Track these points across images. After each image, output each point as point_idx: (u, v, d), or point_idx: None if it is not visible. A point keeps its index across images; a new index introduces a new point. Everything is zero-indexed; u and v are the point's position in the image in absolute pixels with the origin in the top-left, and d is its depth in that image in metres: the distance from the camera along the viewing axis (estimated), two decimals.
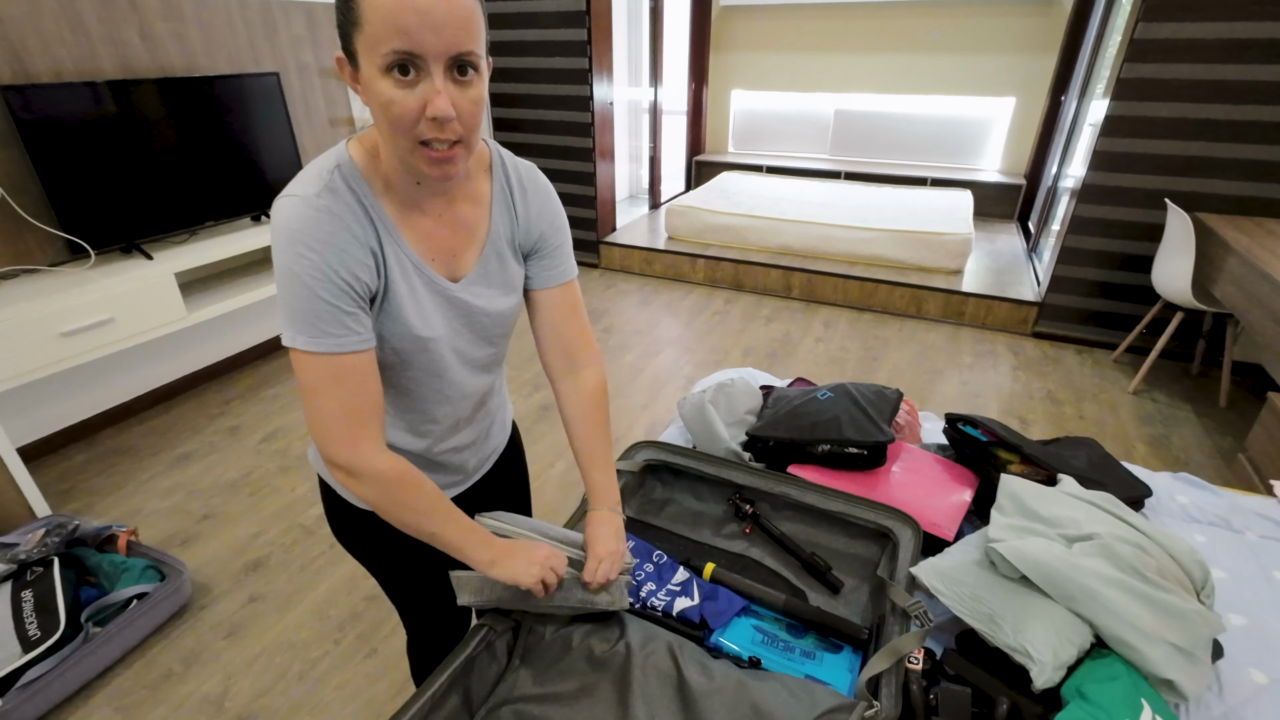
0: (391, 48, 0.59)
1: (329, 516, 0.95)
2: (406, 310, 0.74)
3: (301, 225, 0.66)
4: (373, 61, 0.61)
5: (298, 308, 0.67)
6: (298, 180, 0.69)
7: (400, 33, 0.59)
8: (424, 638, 1.08)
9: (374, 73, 0.62)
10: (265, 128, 2.65)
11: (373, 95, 0.63)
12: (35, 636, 1.47)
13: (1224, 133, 2.62)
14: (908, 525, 1.03)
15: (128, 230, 2.28)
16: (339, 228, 0.67)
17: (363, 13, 0.59)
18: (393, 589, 1.01)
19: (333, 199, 0.68)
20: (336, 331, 0.68)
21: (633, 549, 1.06)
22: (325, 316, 0.67)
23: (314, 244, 0.66)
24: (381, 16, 0.59)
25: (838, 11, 5.00)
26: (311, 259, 0.66)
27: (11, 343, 1.87)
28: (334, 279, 0.67)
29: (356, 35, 0.61)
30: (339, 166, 0.70)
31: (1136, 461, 2.33)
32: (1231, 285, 2.34)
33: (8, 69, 2.01)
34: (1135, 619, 0.79)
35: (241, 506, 2.13)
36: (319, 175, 0.69)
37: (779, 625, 0.94)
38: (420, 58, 0.60)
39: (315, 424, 0.72)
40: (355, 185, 0.70)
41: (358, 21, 0.60)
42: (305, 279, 0.66)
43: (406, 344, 0.76)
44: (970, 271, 3.73)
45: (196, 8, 2.47)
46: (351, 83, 0.66)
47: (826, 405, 1.26)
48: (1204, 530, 1.20)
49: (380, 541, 0.93)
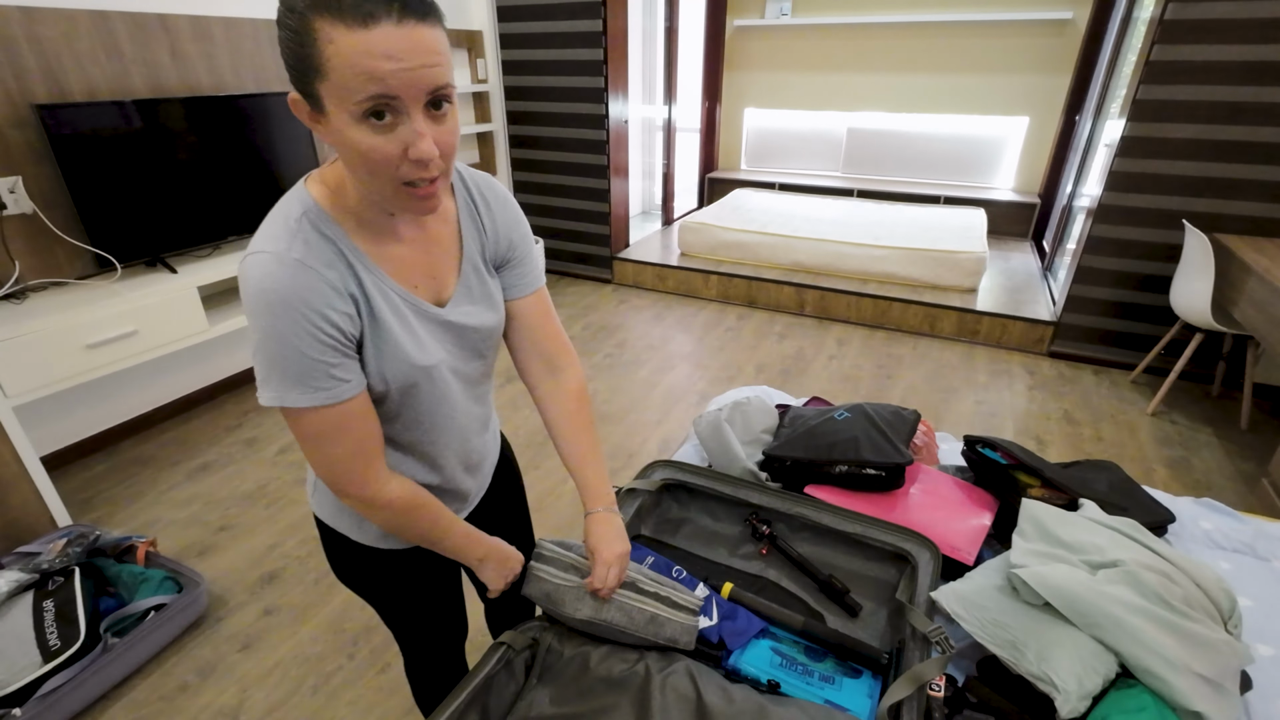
0: (366, 95, 0.56)
1: (328, 554, 0.93)
2: (404, 344, 0.73)
3: (276, 285, 0.62)
4: (344, 109, 0.57)
5: (286, 369, 0.65)
6: (264, 235, 0.65)
7: (374, 80, 0.56)
8: (421, 664, 1.08)
9: (346, 120, 0.58)
10: (288, 145, 2.71)
11: (345, 141, 0.60)
12: (56, 646, 1.49)
13: (1242, 154, 2.61)
14: (926, 548, 1.02)
15: (153, 244, 2.33)
16: (315, 281, 0.64)
17: (326, 61, 0.55)
18: (391, 620, 1.01)
19: (305, 250, 0.64)
20: (328, 385, 0.67)
21: (652, 564, 1.06)
22: (315, 372, 0.65)
23: (294, 302, 0.62)
24: (350, 65, 0.55)
25: (850, 31, 5.04)
26: (293, 318, 0.63)
27: (40, 354, 1.91)
28: (318, 335, 0.64)
29: (318, 82, 0.57)
30: (305, 214, 0.66)
31: (1157, 485, 2.30)
32: (1251, 307, 2.31)
33: (43, 88, 2.08)
34: (1162, 648, 0.78)
35: (258, 518, 2.15)
36: (286, 226, 0.65)
37: (797, 648, 0.94)
38: (397, 100, 0.57)
39: (323, 469, 0.72)
40: (326, 229, 0.67)
41: (319, 69, 0.56)
42: (290, 339, 0.63)
43: (411, 376, 0.75)
44: (984, 290, 3.72)
45: (226, 29, 2.54)
46: (311, 124, 0.62)
47: (844, 425, 1.26)
48: (1229, 557, 1.18)
49: (379, 578, 0.93)
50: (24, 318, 1.93)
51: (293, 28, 0.57)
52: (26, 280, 2.13)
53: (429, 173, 0.63)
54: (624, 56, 3.95)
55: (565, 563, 0.90)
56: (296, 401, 0.66)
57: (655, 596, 0.88)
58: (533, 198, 4.41)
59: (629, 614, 0.86)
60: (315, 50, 0.56)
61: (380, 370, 0.72)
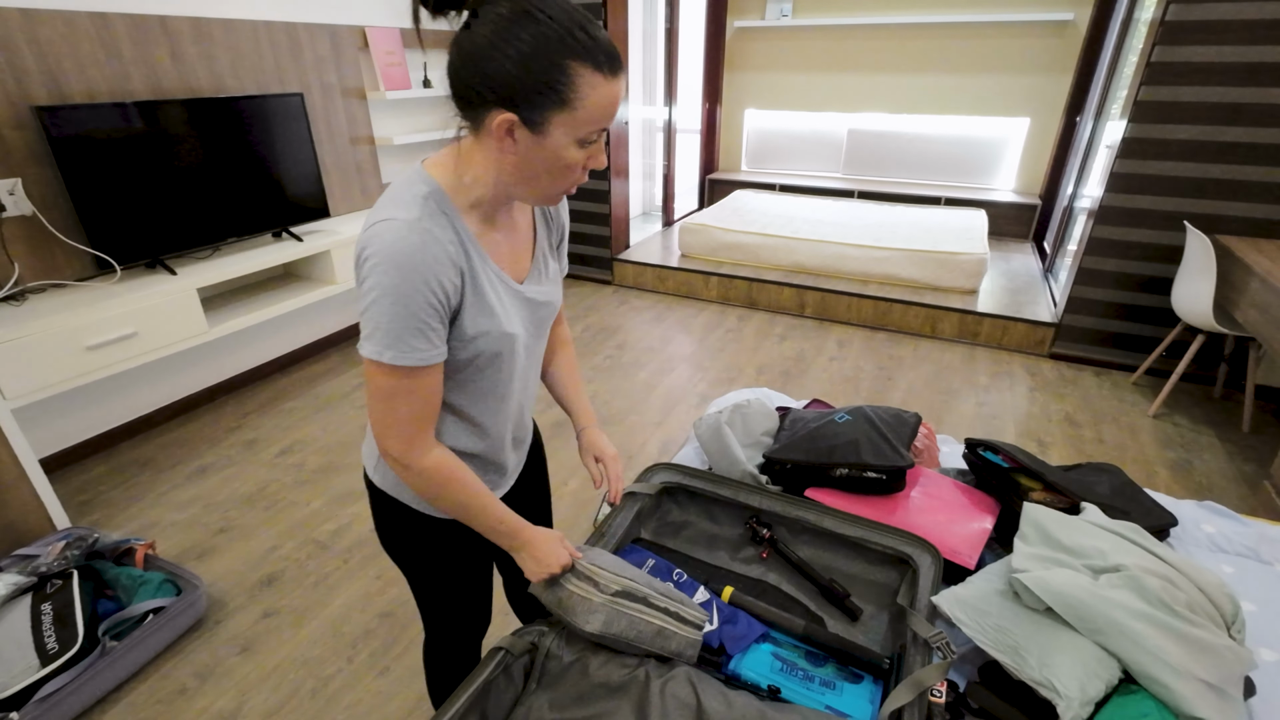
0: (598, 129, 0.72)
1: (381, 522, 1.00)
2: (498, 313, 0.82)
3: (406, 248, 0.70)
4: (571, 134, 0.71)
5: (391, 326, 0.71)
6: (391, 205, 0.73)
7: (606, 118, 0.72)
8: (443, 645, 1.14)
9: (566, 141, 0.71)
10: (288, 147, 2.71)
11: (551, 155, 0.72)
12: (53, 650, 1.48)
13: (1243, 155, 2.61)
14: (927, 552, 1.02)
15: (153, 246, 2.33)
16: (438, 251, 0.72)
17: (580, 99, 0.68)
18: (426, 592, 1.06)
19: (431, 223, 0.73)
20: (422, 347, 0.74)
21: (653, 567, 1.05)
22: (415, 333, 0.73)
23: (419, 265, 0.70)
24: (598, 105, 0.70)
25: (851, 32, 5.04)
26: (414, 280, 0.70)
27: (39, 355, 1.90)
28: (430, 300, 0.72)
29: (559, 113, 0.69)
30: (431, 193, 0.75)
31: (1158, 487, 2.30)
32: (1253, 308, 2.31)
33: (44, 90, 2.08)
34: (1164, 654, 0.77)
35: (257, 520, 2.14)
36: (414, 199, 0.74)
37: (798, 653, 0.93)
38: (604, 131, 0.74)
39: (381, 423, 0.78)
40: (445, 208, 0.76)
41: (567, 103, 0.68)
42: (406, 299, 0.70)
43: (498, 344, 0.83)
44: (985, 291, 3.71)
45: (225, 30, 2.54)
46: (507, 139, 0.71)
47: (844, 428, 1.26)
48: (1232, 561, 1.17)
49: (429, 546, 0.99)
50: (23, 319, 1.93)
51: (546, 64, 0.66)
52: (26, 282, 2.13)
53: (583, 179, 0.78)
54: (624, 57, 3.94)
55: (582, 572, 0.89)
56: (393, 358, 0.73)
57: (665, 612, 0.88)
58: None
59: (638, 628, 0.86)
60: (570, 90, 0.68)
61: (476, 337, 0.80)
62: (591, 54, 0.67)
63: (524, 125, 0.70)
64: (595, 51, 0.67)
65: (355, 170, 3.23)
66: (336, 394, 2.94)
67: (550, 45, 0.66)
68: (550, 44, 0.65)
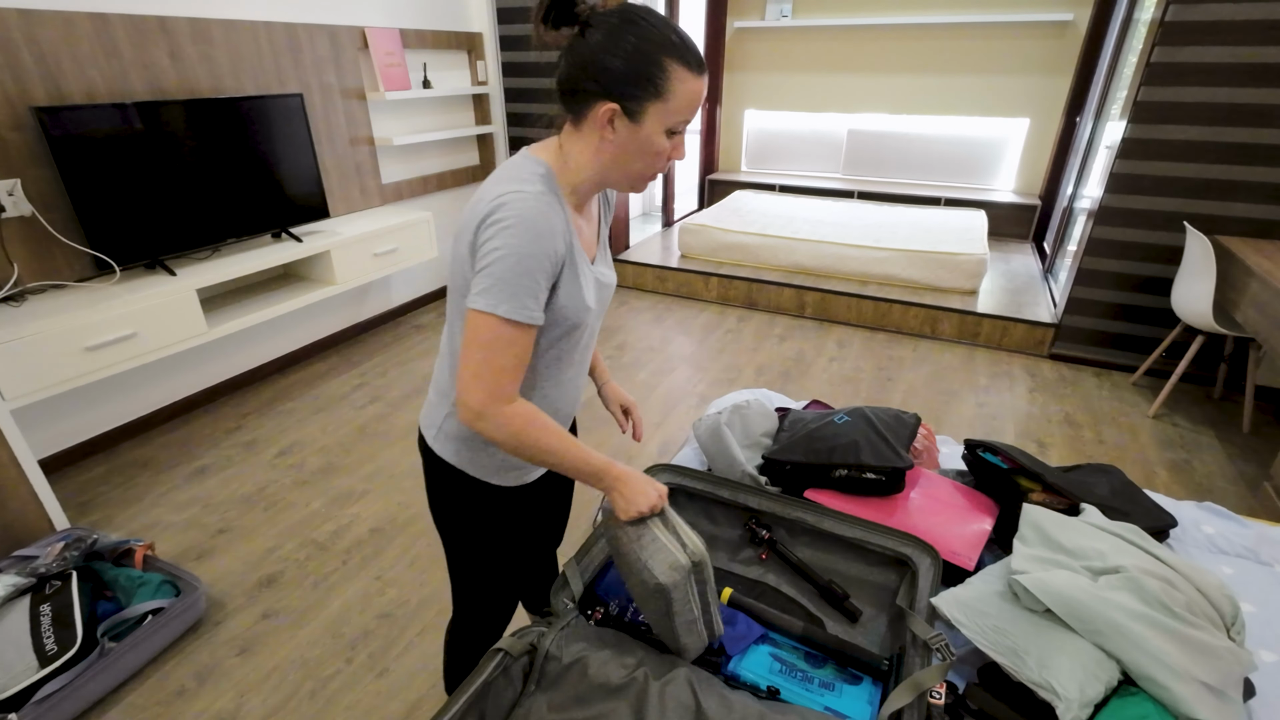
0: (684, 119, 0.82)
1: (437, 491, 1.06)
2: (583, 287, 0.90)
3: (536, 215, 0.79)
4: (662, 122, 0.81)
5: (513, 283, 0.79)
6: (515, 180, 0.82)
7: (692, 110, 0.83)
8: (469, 623, 1.19)
9: (657, 130, 0.82)
10: (288, 147, 2.71)
11: (643, 142, 0.82)
12: (52, 651, 1.48)
13: (1243, 156, 2.61)
14: (927, 553, 1.02)
15: (152, 247, 2.33)
16: (557, 223, 0.82)
17: (672, 92, 0.79)
18: (466, 570, 1.13)
19: (551, 197, 0.83)
20: (531, 306, 0.82)
21: None
22: (528, 292, 0.81)
23: (544, 232, 0.80)
24: (685, 98, 0.81)
25: (851, 33, 5.04)
26: (538, 245, 0.79)
27: (38, 356, 1.90)
28: (545, 264, 0.81)
29: (655, 104, 0.80)
30: (547, 174, 0.85)
31: (1158, 488, 2.30)
32: (1253, 309, 2.31)
33: (43, 90, 2.08)
34: (1164, 655, 0.77)
35: (256, 521, 2.14)
36: (535, 176, 0.84)
37: (797, 654, 0.93)
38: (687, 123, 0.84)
39: (473, 374, 0.83)
40: (555, 189, 0.86)
41: (662, 95, 0.79)
42: (529, 260, 0.79)
43: (580, 315, 0.91)
44: (985, 292, 3.71)
45: (225, 31, 2.54)
46: (605, 127, 0.82)
47: (844, 429, 1.25)
48: (1231, 562, 1.17)
49: (481, 512, 1.05)
50: (22, 320, 1.93)
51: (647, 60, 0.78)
52: (25, 283, 2.13)
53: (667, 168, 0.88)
54: None
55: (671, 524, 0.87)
56: (507, 312, 0.80)
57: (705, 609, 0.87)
58: None
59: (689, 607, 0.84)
60: (666, 83, 0.79)
61: (565, 308, 0.88)
62: (683, 53, 0.79)
63: (624, 114, 0.81)
64: (686, 52, 0.79)
65: (355, 171, 3.23)
66: (336, 395, 2.94)
67: (651, 45, 0.78)
68: (651, 44, 0.78)
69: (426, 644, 1.70)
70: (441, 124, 3.75)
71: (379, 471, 2.39)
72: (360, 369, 3.18)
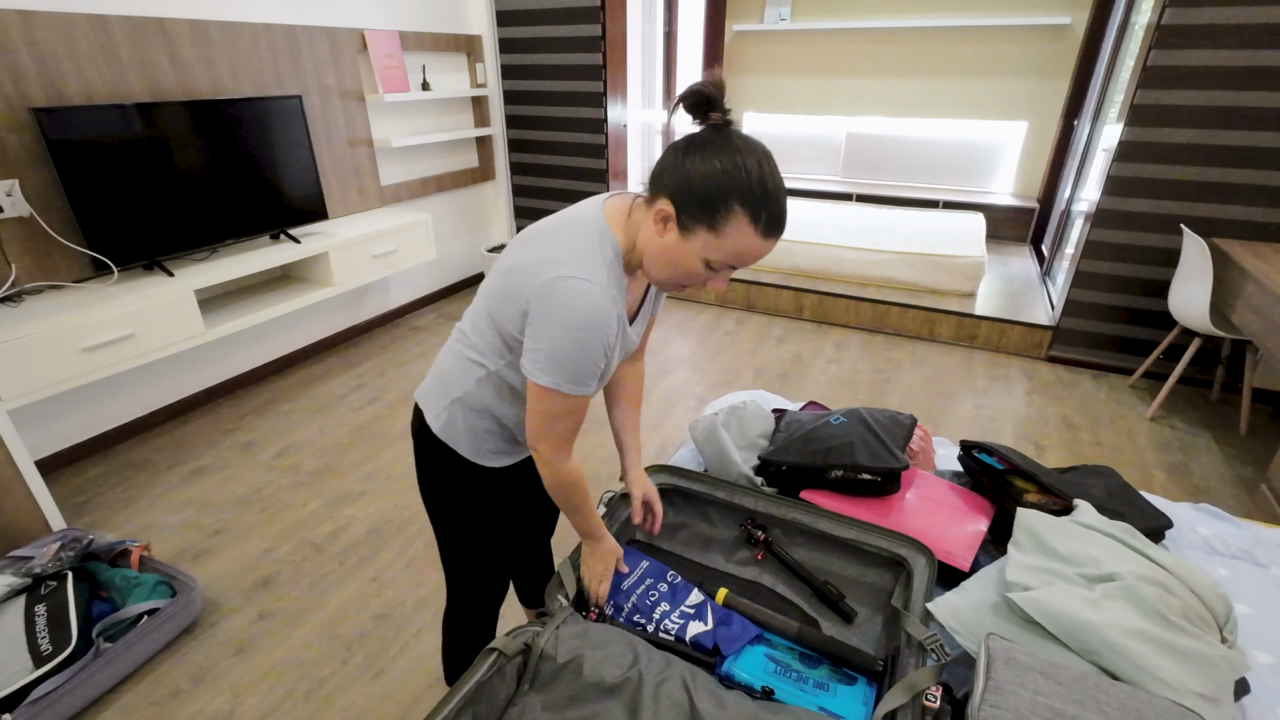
0: (726, 264, 0.82)
1: (428, 470, 1.10)
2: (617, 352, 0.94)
3: (596, 313, 0.83)
4: (703, 251, 0.81)
5: (576, 369, 0.86)
6: (583, 262, 0.85)
7: (739, 261, 0.82)
8: (463, 608, 1.25)
9: (697, 254, 0.82)
10: (286, 148, 2.71)
11: (680, 259, 0.83)
12: (47, 651, 1.48)
13: (1240, 159, 2.61)
14: (922, 554, 1.02)
15: (150, 248, 2.33)
16: (614, 316, 0.86)
17: (726, 232, 0.79)
18: (455, 548, 1.18)
19: (615, 288, 0.87)
20: (590, 385, 0.89)
21: (647, 569, 1.05)
22: (591, 375, 0.87)
23: (603, 329, 0.85)
24: (737, 247, 0.80)
25: (849, 36, 5.06)
26: (597, 339, 0.85)
27: (36, 357, 1.90)
28: (605, 353, 0.87)
29: (705, 231, 0.80)
30: (616, 259, 0.89)
31: (1155, 490, 2.30)
32: (1250, 312, 2.31)
33: (41, 91, 2.08)
34: (1160, 672, 0.77)
35: (253, 522, 2.14)
36: (604, 264, 0.86)
37: (792, 655, 0.93)
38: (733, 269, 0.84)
39: (542, 435, 0.92)
40: (618, 272, 0.89)
41: (715, 229, 0.79)
42: (590, 351, 0.85)
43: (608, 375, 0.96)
44: (983, 294, 3.72)
45: (224, 32, 2.54)
46: (660, 224, 0.83)
47: (840, 430, 1.26)
48: (1227, 563, 1.17)
49: (473, 492, 1.10)
50: (20, 320, 1.93)
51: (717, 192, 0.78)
52: (23, 283, 2.13)
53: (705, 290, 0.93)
54: (623, 61, 3.96)
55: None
56: (568, 390, 0.87)
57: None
58: (531, 201, 4.41)
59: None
60: (724, 221, 0.78)
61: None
62: (755, 207, 0.78)
63: (676, 223, 0.81)
64: (760, 208, 0.78)
65: (353, 173, 3.23)
66: (333, 396, 2.94)
67: (730, 183, 0.77)
68: (731, 182, 0.77)
69: (423, 645, 1.69)
70: (440, 126, 3.76)
71: (376, 473, 2.39)
72: (358, 370, 3.18)
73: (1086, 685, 0.74)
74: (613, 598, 1.02)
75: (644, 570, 1.05)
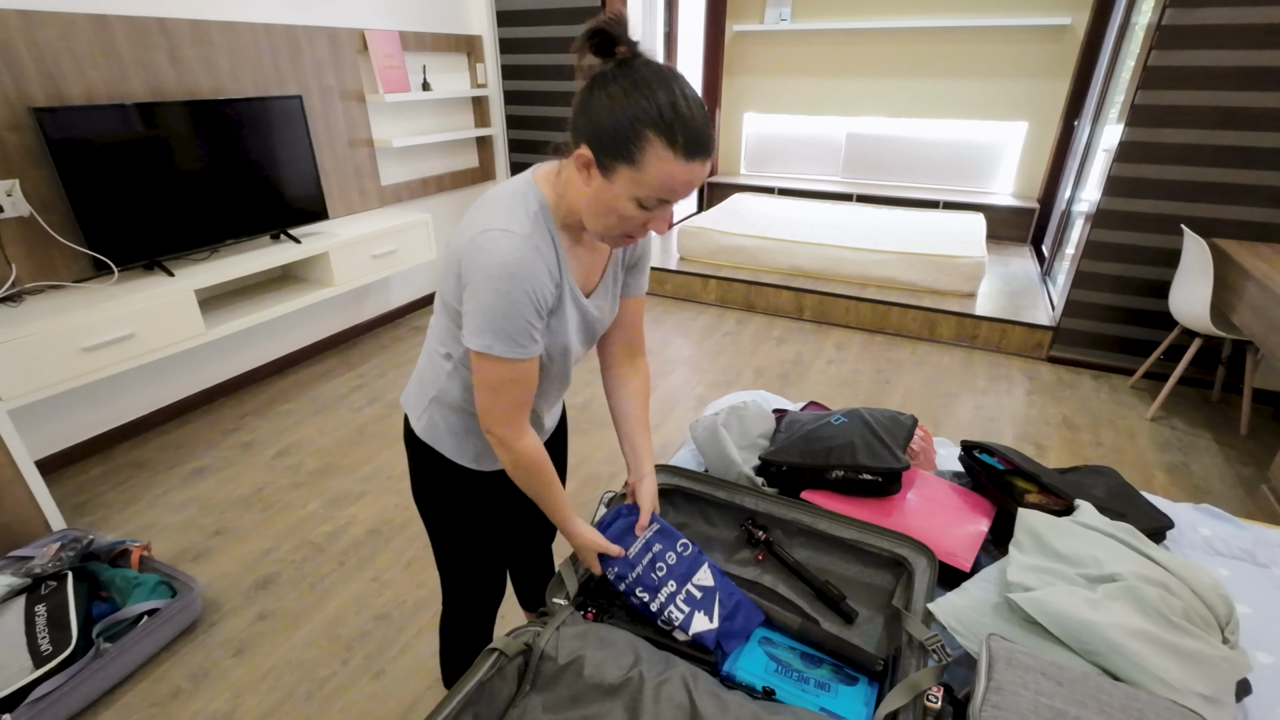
0: (656, 198, 0.77)
1: (418, 474, 1.09)
2: (568, 325, 0.92)
3: (518, 261, 0.80)
4: (630, 190, 0.77)
5: (504, 326, 0.82)
6: (502, 215, 0.83)
7: (669, 192, 0.77)
8: (459, 612, 1.23)
9: (624, 196, 0.77)
10: (287, 148, 2.71)
11: (611, 202, 0.79)
12: (47, 651, 1.48)
13: (1241, 159, 2.61)
14: (923, 554, 1.02)
15: (151, 248, 2.33)
16: (542, 263, 0.82)
17: (644, 163, 0.74)
18: (449, 553, 1.16)
19: (539, 239, 0.83)
20: (526, 344, 0.85)
21: (656, 533, 1.04)
22: (522, 332, 0.83)
23: (528, 276, 0.80)
24: (660, 177, 0.75)
25: (849, 37, 5.06)
26: (525, 289, 0.80)
27: (36, 357, 1.90)
28: (535, 304, 0.83)
29: (625, 167, 0.75)
30: (541, 209, 0.85)
31: (1156, 490, 2.30)
32: (1250, 312, 2.31)
33: (41, 91, 2.08)
34: (1162, 672, 0.77)
35: (253, 522, 2.14)
36: (527, 214, 0.83)
37: (794, 655, 0.93)
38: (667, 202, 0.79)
39: (488, 409, 0.90)
40: (549, 226, 0.86)
41: (634, 162, 0.74)
42: (517, 304, 0.81)
43: (556, 350, 0.93)
44: (983, 295, 3.72)
45: (224, 33, 2.54)
46: (581, 170, 0.80)
47: (840, 430, 1.25)
48: (1228, 564, 1.17)
49: (461, 496, 1.09)
50: (20, 321, 1.93)
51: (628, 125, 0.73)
52: (23, 283, 2.13)
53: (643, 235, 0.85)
54: None
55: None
56: (501, 351, 0.83)
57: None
58: None
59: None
60: (640, 152, 0.74)
61: (549, 344, 0.91)
62: (669, 131, 0.73)
63: (597, 166, 0.78)
64: (675, 131, 0.73)
65: (354, 173, 3.23)
66: (334, 396, 2.94)
67: (638, 112, 0.73)
68: (639, 111, 0.73)
69: (423, 645, 1.69)
70: (441, 126, 3.76)
71: (376, 473, 2.39)
72: (358, 370, 3.18)
73: (1088, 686, 0.74)
74: (615, 565, 0.99)
75: (654, 534, 1.03)
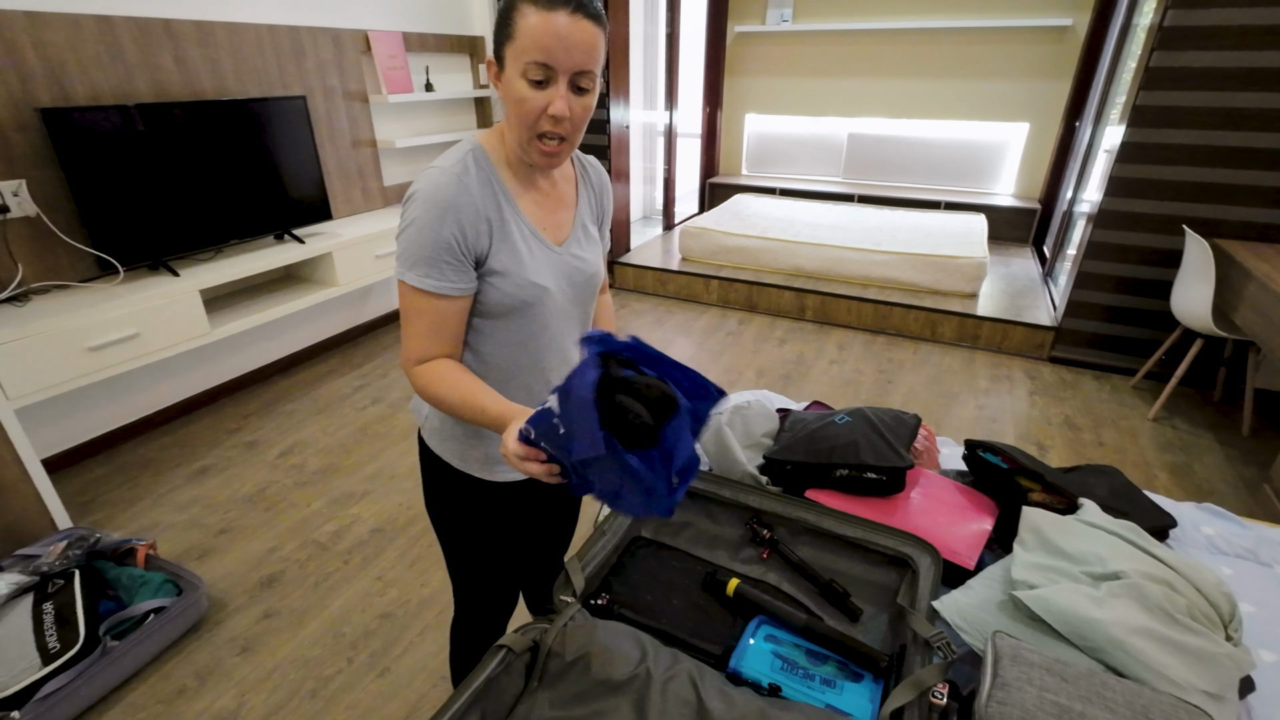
0: (532, 59, 0.78)
1: (427, 481, 1.09)
2: (524, 261, 0.90)
3: (435, 189, 0.82)
4: (516, 67, 0.79)
5: (419, 253, 0.83)
6: (441, 158, 0.87)
7: (542, 50, 0.77)
8: (471, 618, 1.22)
9: (515, 75, 0.80)
10: (291, 149, 2.72)
11: (510, 92, 0.81)
12: (55, 649, 1.48)
13: (1242, 159, 2.62)
14: (927, 553, 1.02)
15: (156, 248, 2.34)
16: (463, 196, 0.83)
17: (517, 29, 0.77)
18: (460, 562, 1.15)
19: (465, 174, 0.85)
20: (436, 278, 0.84)
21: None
22: (431, 262, 0.83)
23: (446, 206, 0.82)
24: (530, 34, 0.77)
25: (851, 38, 5.06)
26: (440, 218, 0.82)
27: (41, 356, 1.91)
28: (450, 239, 0.83)
29: (508, 45, 0.79)
30: (472, 150, 0.87)
31: (1158, 490, 2.30)
32: (1252, 312, 2.31)
33: (47, 92, 2.09)
34: (1166, 669, 0.77)
35: (258, 521, 2.14)
36: (458, 154, 0.86)
37: (799, 652, 0.93)
38: (551, 70, 0.78)
39: (404, 336, 0.90)
40: (483, 163, 0.88)
41: (511, 35, 0.78)
42: (430, 232, 0.82)
43: (525, 292, 0.91)
44: (985, 295, 3.72)
45: (229, 34, 2.55)
46: (495, 81, 0.84)
47: (844, 429, 1.26)
48: (1231, 563, 1.18)
49: (468, 506, 1.07)
50: (26, 320, 1.94)
51: (506, 8, 0.79)
52: (29, 283, 2.14)
53: (558, 129, 0.83)
54: (625, 62, 3.97)
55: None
56: (414, 280, 0.84)
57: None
58: None
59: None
60: (512, 20, 0.78)
61: (503, 276, 0.89)
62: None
63: (497, 64, 0.82)
64: None
65: (357, 173, 3.24)
66: (337, 396, 2.94)
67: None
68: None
69: (427, 644, 1.70)
70: (444, 126, 3.77)
71: (380, 472, 2.40)
72: (362, 370, 3.19)
73: (1093, 682, 0.75)
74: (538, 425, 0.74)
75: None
